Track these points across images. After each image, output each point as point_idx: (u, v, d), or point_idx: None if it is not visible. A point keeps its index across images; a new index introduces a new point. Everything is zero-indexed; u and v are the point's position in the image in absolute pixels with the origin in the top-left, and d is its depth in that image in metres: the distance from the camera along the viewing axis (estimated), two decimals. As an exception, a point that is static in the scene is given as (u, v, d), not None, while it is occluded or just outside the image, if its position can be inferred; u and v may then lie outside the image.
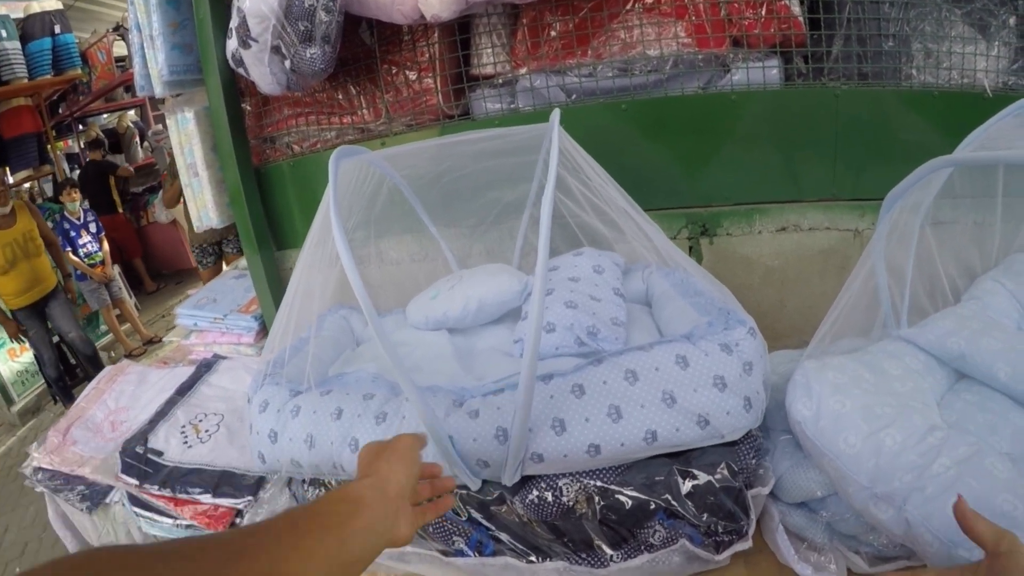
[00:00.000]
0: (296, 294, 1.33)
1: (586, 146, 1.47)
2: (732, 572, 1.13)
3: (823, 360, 1.10)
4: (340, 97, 2.01)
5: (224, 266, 3.96)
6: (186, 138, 2.04)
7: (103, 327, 5.18)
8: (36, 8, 4.78)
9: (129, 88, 6.65)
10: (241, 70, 1.75)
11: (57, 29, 4.85)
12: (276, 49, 1.59)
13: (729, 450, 1.09)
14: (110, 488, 1.64)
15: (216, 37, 1.83)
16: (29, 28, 4.70)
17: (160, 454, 1.57)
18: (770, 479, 1.12)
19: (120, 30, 6.32)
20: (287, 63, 1.61)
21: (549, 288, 1.44)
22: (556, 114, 1.22)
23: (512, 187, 1.71)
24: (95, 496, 1.64)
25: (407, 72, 1.89)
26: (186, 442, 1.60)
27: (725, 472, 1.05)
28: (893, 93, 1.59)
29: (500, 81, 1.81)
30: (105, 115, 8.18)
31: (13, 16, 4.64)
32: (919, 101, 1.59)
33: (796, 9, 1.58)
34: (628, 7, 1.63)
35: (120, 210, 6.30)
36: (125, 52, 6.10)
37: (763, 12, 1.56)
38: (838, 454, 0.97)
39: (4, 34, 4.49)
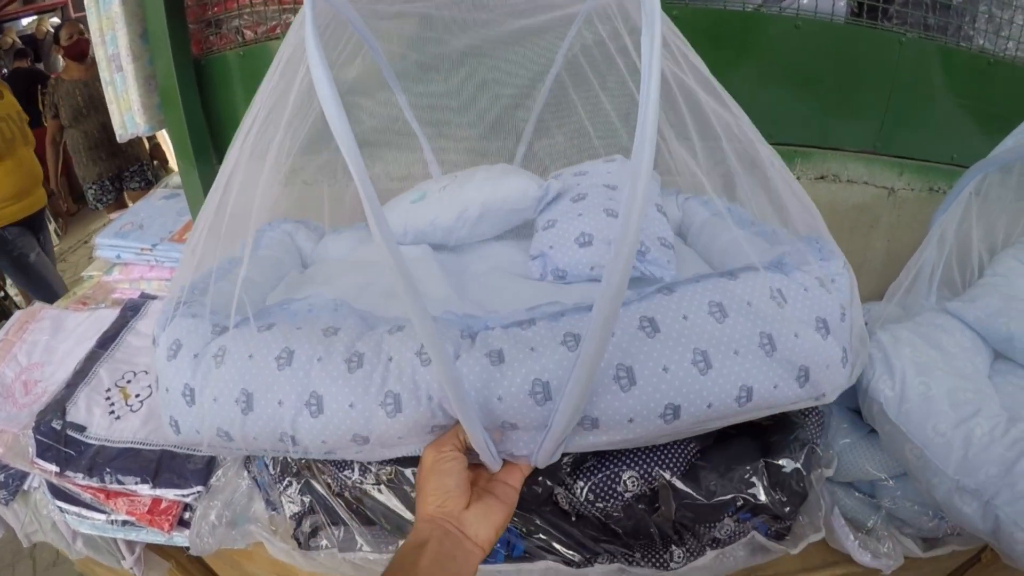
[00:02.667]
0: (223, 199, 0.90)
1: None
2: (781, 560, 1.01)
3: (894, 332, 1.03)
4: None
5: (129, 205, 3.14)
6: (108, 23, 1.68)
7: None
8: None
9: None
10: None
11: None
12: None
13: (801, 428, 0.95)
14: (28, 472, 1.31)
15: None
16: None
17: (82, 429, 1.26)
18: (833, 460, 1.01)
19: None
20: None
21: (579, 194, 1.13)
22: None
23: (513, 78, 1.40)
24: (10, 483, 1.30)
25: None
26: (112, 411, 1.30)
27: (811, 457, 0.92)
28: (953, 50, 1.51)
29: None
30: (25, 19, 7.42)
31: None
32: (973, 65, 1.53)
33: None
34: None
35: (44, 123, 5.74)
36: None
37: None
38: (926, 442, 0.90)
39: None
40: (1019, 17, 1.53)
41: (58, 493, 1.23)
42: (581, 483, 0.89)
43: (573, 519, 0.92)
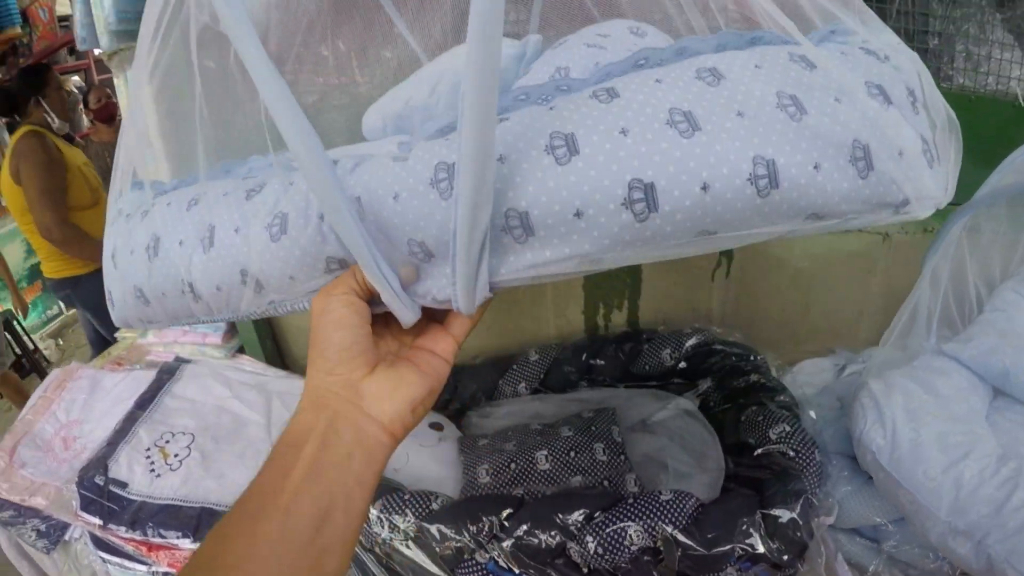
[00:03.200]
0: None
1: None
2: (788, 605, 0.87)
3: (887, 380, 1.06)
4: (325, 53, 1.81)
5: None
6: (138, 100, 1.76)
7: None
8: None
9: (73, 50, 6.45)
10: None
11: None
12: None
13: (797, 479, 0.97)
14: (69, 523, 1.40)
15: None
16: None
17: (124, 486, 1.36)
18: (834, 508, 1.01)
19: None
20: None
21: (563, 40, 0.94)
22: None
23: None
24: (52, 533, 1.38)
25: None
26: (153, 470, 1.38)
27: (807, 506, 0.93)
28: None
29: None
30: None
31: None
32: (956, 103, 1.61)
33: None
34: None
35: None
36: (69, 11, 5.87)
37: None
38: (917, 487, 0.92)
39: None
40: (996, 51, 1.57)
41: (100, 544, 1.30)
42: (590, 538, 0.89)
43: (586, 572, 0.93)
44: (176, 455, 1.41)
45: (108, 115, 3.73)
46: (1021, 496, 0.86)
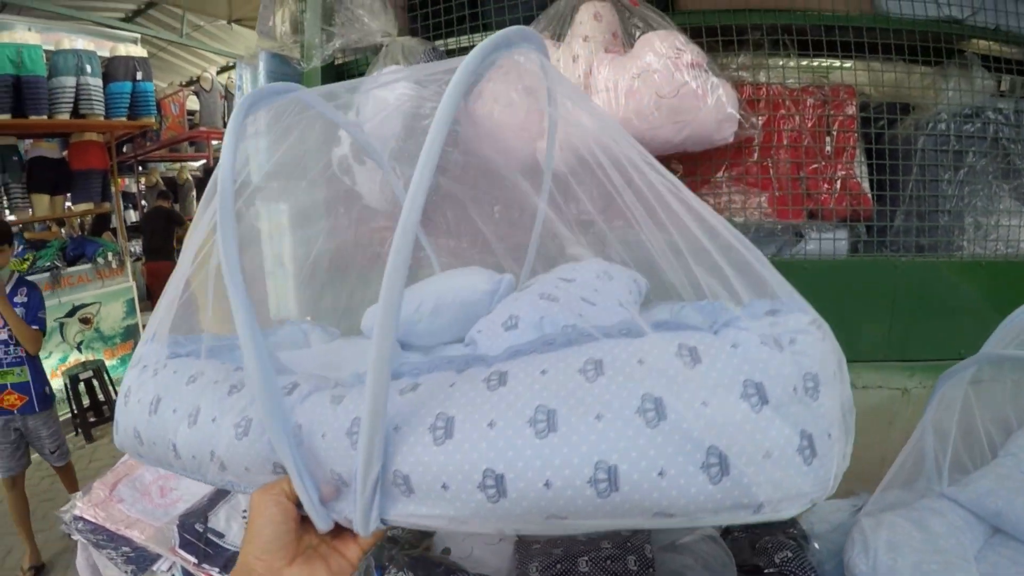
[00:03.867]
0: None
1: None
2: None
3: (879, 517, 1.20)
4: (439, 220, 1.98)
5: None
6: (276, 229, 1.98)
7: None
8: (122, 51, 5.16)
9: (194, 143, 7.01)
10: (347, 178, 1.80)
11: (139, 76, 5.25)
12: (390, 170, 1.51)
13: None
14: (158, 556, 1.60)
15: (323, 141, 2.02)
16: (112, 69, 5.09)
17: (221, 536, 1.55)
18: None
19: (194, 85, 6.90)
20: (402, 183, 1.54)
21: (527, 285, 1.06)
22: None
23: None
24: (141, 561, 1.60)
25: (510, 211, 1.94)
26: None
27: None
28: (946, 263, 1.77)
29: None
30: (164, 164, 8.47)
31: (100, 53, 5.00)
32: (968, 271, 1.77)
33: (865, 185, 1.77)
34: (719, 175, 1.79)
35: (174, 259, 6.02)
36: (197, 107, 6.67)
37: (838, 188, 1.77)
38: None
39: (89, 69, 4.83)
40: (1004, 219, 1.77)
41: None
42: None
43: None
44: (271, 517, 1.55)
45: None
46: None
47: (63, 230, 5.74)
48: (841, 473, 0.60)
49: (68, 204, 5.62)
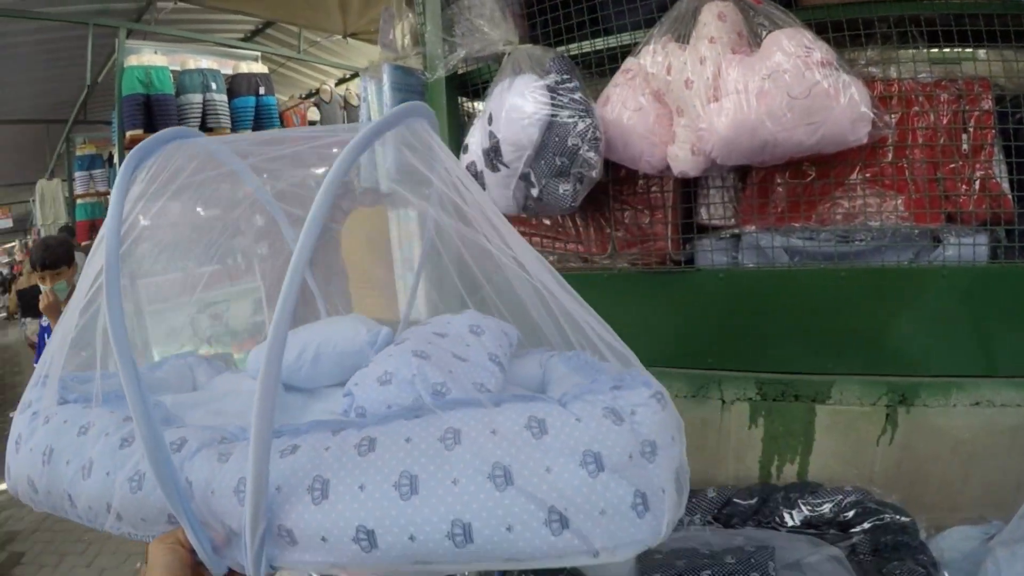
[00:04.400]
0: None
1: (804, 306, 1.81)
2: None
3: (1014, 549, 1.19)
4: (568, 224, 2.24)
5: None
6: (406, 235, 2.32)
7: None
8: (244, 69, 5.94)
9: None
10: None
11: (261, 91, 5.97)
12: (525, 176, 1.77)
13: None
14: None
15: (451, 149, 2.17)
16: (236, 85, 5.81)
17: None
18: None
19: (314, 97, 7.42)
20: (534, 191, 1.77)
21: (402, 339, 1.16)
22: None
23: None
24: None
25: (639, 213, 2.03)
26: None
27: None
28: None
29: (727, 234, 1.97)
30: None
31: (223, 72, 5.76)
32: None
33: (1005, 186, 1.75)
34: (853, 177, 1.80)
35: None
36: (317, 117, 7.18)
37: (976, 189, 1.74)
38: None
39: (214, 87, 5.56)
40: None
41: None
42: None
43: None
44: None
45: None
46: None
47: (193, 235, 6.11)
48: (675, 521, 0.75)
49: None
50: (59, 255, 3.51)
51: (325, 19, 5.58)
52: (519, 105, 1.72)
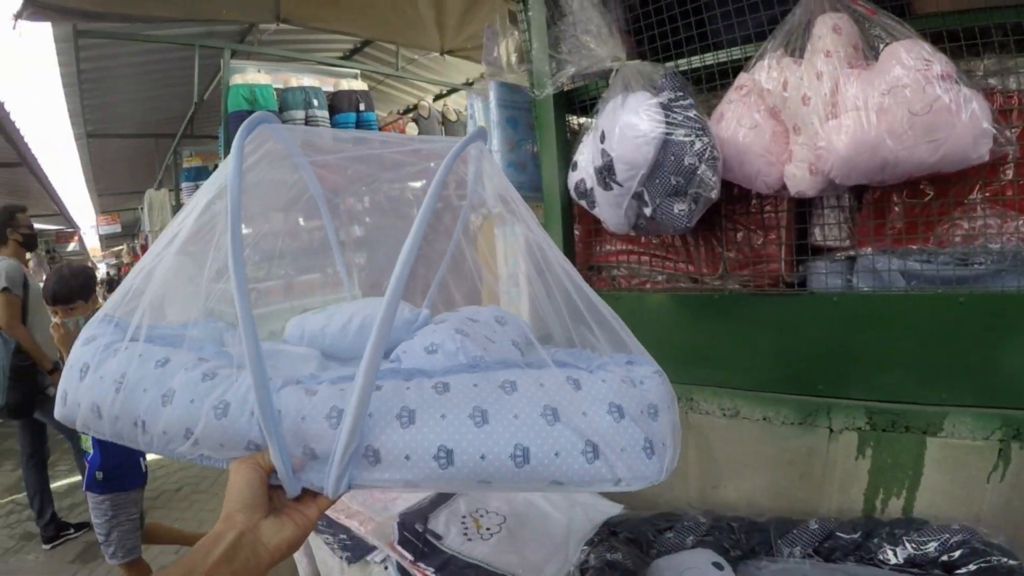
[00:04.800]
0: (160, 275, 1.15)
1: (920, 332, 1.76)
2: None
3: None
4: (678, 243, 2.29)
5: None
6: (512, 251, 2.44)
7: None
8: (344, 86, 6.19)
9: None
10: (583, 202, 2.05)
11: (361, 107, 6.15)
12: (638, 195, 1.83)
13: None
14: (373, 548, 1.91)
15: (559, 166, 2.24)
16: (337, 102, 6.05)
17: (439, 538, 1.80)
18: None
19: (413, 113, 7.63)
20: (647, 210, 1.82)
21: (442, 319, 1.34)
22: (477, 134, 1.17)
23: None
24: (356, 550, 1.94)
25: (752, 233, 2.06)
26: (466, 534, 1.79)
27: None
28: None
29: (841, 256, 1.95)
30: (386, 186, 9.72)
31: (324, 89, 6.01)
32: None
33: None
34: (972, 196, 1.76)
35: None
36: (415, 132, 7.41)
37: None
38: None
39: (316, 103, 5.78)
40: None
41: (404, 572, 1.80)
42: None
43: None
44: (488, 528, 1.83)
45: None
46: None
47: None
48: (671, 469, 0.97)
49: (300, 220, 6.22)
50: (72, 288, 3.26)
51: (423, 37, 6.04)
52: (633, 123, 1.76)
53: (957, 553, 1.52)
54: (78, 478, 5.86)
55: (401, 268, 0.88)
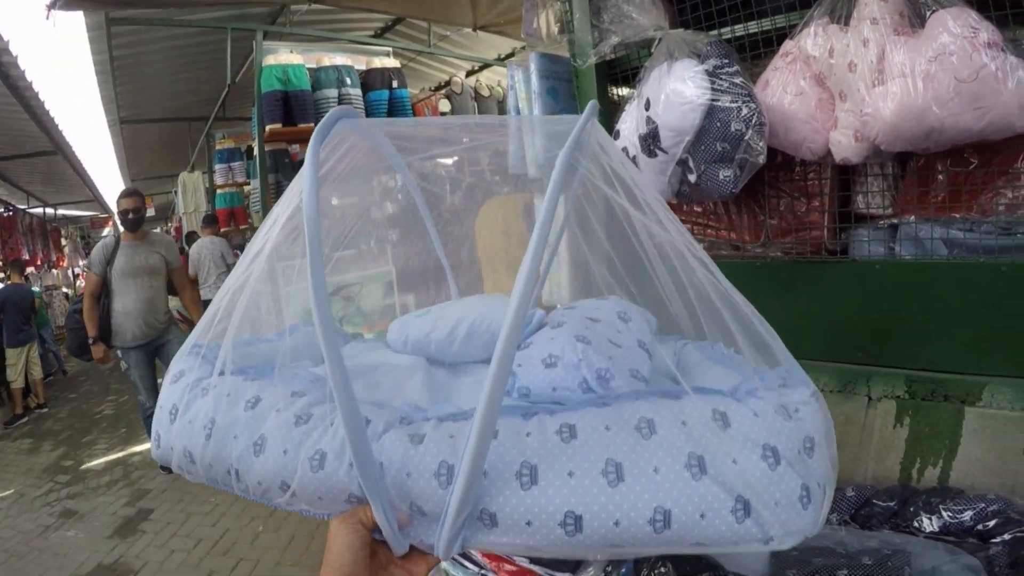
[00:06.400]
0: (253, 284, 1.07)
1: (961, 301, 1.72)
2: None
3: None
4: (720, 211, 2.22)
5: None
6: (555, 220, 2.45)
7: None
8: (377, 64, 6.20)
9: None
10: None
11: (394, 84, 6.20)
12: (683, 162, 1.78)
13: None
14: None
15: None
16: (370, 80, 6.09)
17: None
18: None
19: (445, 89, 7.67)
20: (692, 177, 1.78)
21: (559, 322, 1.20)
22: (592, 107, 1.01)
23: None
24: None
25: (795, 201, 1.99)
26: None
27: None
28: None
29: (884, 224, 1.90)
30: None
31: (357, 67, 6.05)
32: None
33: None
34: (1018, 165, 1.68)
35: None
36: (448, 109, 7.29)
37: None
38: None
39: (349, 81, 5.83)
40: None
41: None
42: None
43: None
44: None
45: None
46: None
47: (325, 221, 6.62)
48: (826, 517, 0.82)
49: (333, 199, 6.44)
50: None
51: (455, 13, 5.85)
52: (679, 90, 1.72)
53: (992, 523, 1.48)
54: (117, 454, 6.04)
55: (524, 285, 0.73)
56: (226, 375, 1.04)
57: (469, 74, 8.56)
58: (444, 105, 7.41)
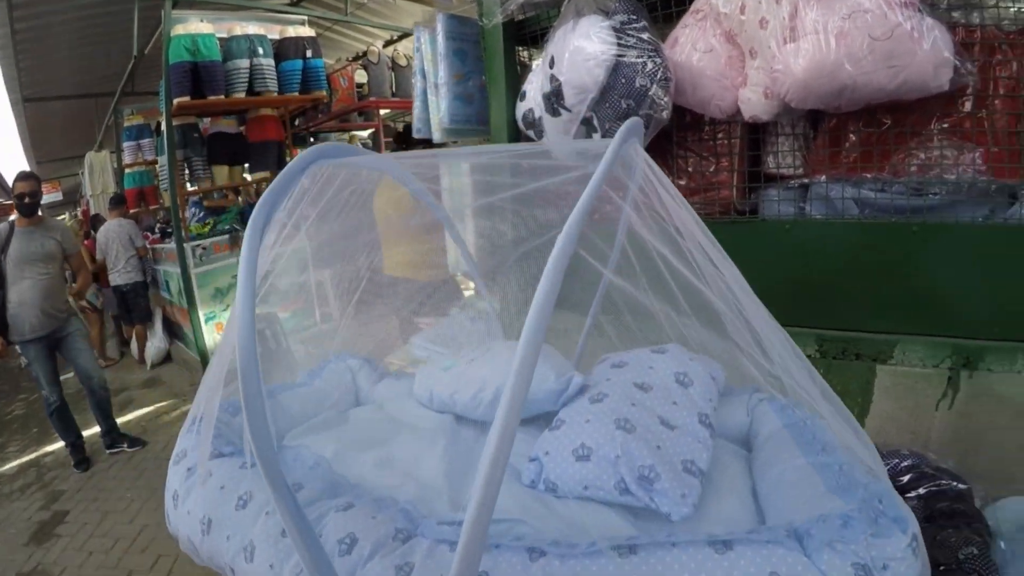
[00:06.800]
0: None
1: (872, 261, 1.74)
2: None
3: None
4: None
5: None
6: (458, 188, 2.37)
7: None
8: (291, 33, 5.83)
9: (363, 113, 7.59)
10: (531, 132, 1.96)
11: (308, 54, 5.90)
12: (587, 121, 1.74)
13: None
14: None
15: (507, 97, 2.17)
16: (283, 50, 5.77)
17: None
18: None
19: (362, 59, 7.45)
20: (596, 135, 1.74)
21: (600, 392, 1.07)
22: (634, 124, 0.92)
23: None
24: None
25: (703, 160, 1.98)
26: None
27: None
28: None
29: (795, 184, 1.91)
30: (335, 133, 8.97)
31: (270, 36, 5.68)
32: None
33: None
34: (930, 127, 1.71)
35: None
36: (364, 80, 7.15)
37: None
38: None
39: (261, 51, 5.51)
40: None
41: None
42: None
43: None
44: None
45: None
46: None
47: (239, 198, 7.05)
48: None
49: (246, 175, 6.66)
50: None
51: None
52: (583, 47, 1.66)
53: (907, 477, 1.48)
54: (30, 456, 5.79)
55: (532, 335, 0.65)
56: (223, 457, 1.03)
57: (387, 44, 8.23)
58: (360, 76, 7.17)
